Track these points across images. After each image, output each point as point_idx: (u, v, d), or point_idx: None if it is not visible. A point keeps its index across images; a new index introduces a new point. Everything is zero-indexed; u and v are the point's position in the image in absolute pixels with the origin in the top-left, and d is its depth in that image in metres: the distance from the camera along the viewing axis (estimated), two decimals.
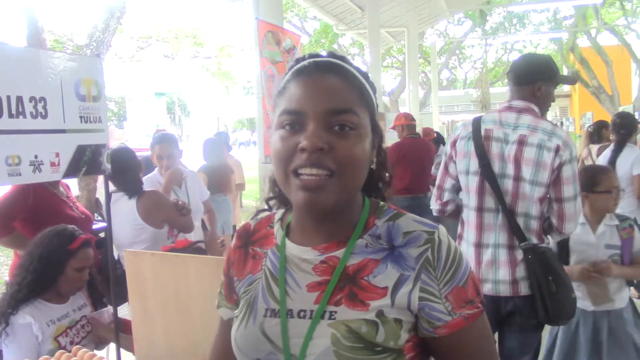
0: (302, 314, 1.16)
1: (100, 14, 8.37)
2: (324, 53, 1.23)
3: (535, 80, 2.97)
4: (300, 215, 1.23)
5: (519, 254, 2.86)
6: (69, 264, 2.89)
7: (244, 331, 1.21)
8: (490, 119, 2.99)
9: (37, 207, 3.53)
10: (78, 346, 2.02)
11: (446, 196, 3.13)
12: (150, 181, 4.58)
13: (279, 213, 1.33)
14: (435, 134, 8.99)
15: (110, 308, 3.19)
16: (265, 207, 1.38)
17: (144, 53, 35.03)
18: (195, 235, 4.46)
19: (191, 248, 3.07)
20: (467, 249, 2.97)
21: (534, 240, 2.88)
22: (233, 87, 44.32)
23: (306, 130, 1.10)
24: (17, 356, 2.70)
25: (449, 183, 3.11)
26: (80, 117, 2.78)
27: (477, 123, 2.99)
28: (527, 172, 2.83)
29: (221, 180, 6.87)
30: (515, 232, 2.86)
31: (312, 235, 1.21)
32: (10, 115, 2.39)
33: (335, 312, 1.13)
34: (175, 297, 2.53)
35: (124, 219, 3.84)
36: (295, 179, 1.11)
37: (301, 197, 1.11)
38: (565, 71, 23.81)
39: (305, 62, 1.19)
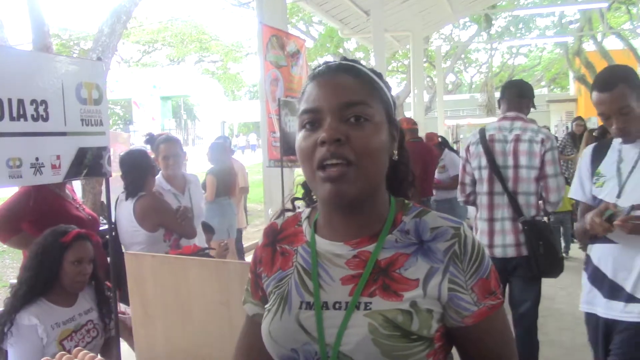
0: (337, 305, 1.21)
1: (106, 18, 8.39)
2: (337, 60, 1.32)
3: (530, 96, 4.06)
4: (328, 210, 1.29)
5: (520, 225, 3.78)
6: (65, 258, 2.89)
7: (279, 323, 1.26)
8: (492, 127, 4.03)
9: (44, 208, 3.58)
10: (79, 348, 2.02)
11: (468, 189, 4.09)
12: (155, 187, 4.50)
13: (306, 212, 1.39)
14: (439, 139, 8.97)
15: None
16: (290, 207, 1.46)
17: (150, 57, 35.14)
18: (198, 239, 4.45)
19: (199, 255, 3.08)
20: (481, 225, 3.92)
21: (533, 213, 3.83)
22: (239, 91, 44.44)
23: (324, 126, 1.18)
24: (21, 357, 2.70)
25: (467, 179, 4.08)
26: (82, 120, 2.79)
27: (482, 131, 4.02)
28: (523, 160, 3.81)
29: (227, 184, 6.88)
30: (515, 208, 3.80)
31: (341, 231, 1.27)
32: (12, 118, 2.41)
33: (370, 302, 1.18)
34: (175, 299, 2.54)
35: (123, 219, 3.93)
36: (320, 172, 1.18)
37: (326, 189, 1.18)
38: (570, 75, 23.77)
39: (320, 67, 1.29)
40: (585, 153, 2.93)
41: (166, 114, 38.36)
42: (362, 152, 1.17)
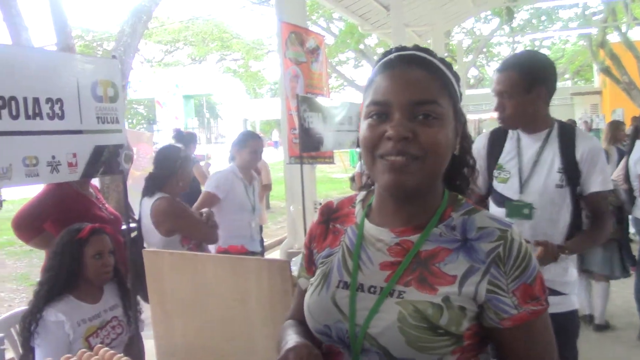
0: (372, 289, 1.23)
1: (127, 18, 8.43)
2: (409, 46, 1.30)
3: None
4: (383, 197, 1.30)
5: None
6: (84, 253, 2.91)
7: (317, 298, 1.30)
8: None
9: (66, 208, 3.59)
10: (99, 345, 2.03)
11: None
12: (227, 174, 4.74)
13: (361, 194, 1.42)
14: None
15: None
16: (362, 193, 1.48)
17: (172, 57, 35.38)
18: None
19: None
20: None
21: None
22: (260, 89, 44.52)
23: (392, 120, 1.19)
24: (48, 353, 2.72)
25: None
26: (97, 117, 2.80)
27: None
28: None
29: None
30: None
31: (391, 217, 1.29)
32: (27, 117, 2.41)
33: (404, 292, 1.20)
34: (193, 296, 2.55)
35: (144, 217, 3.91)
36: (382, 161, 1.20)
37: (387, 178, 1.19)
38: (595, 67, 23.46)
39: (391, 56, 1.27)
40: (480, 144, 2.81)
41: (189, 113, 38.64)
42: (428, 149, 1.18)
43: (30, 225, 3.64)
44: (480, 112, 26.53)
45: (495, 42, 31.77)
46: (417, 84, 1.20)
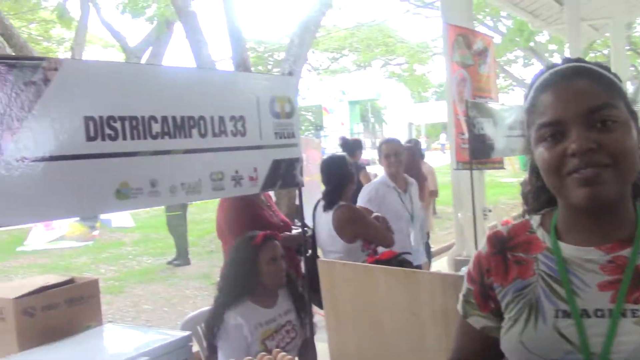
0: (599, 313, 1.16)
1: (295, 30, 8.75)
2: (558, 62, 1.26)
3: None
4: (575, 215, 1.23)
5: None
6: (260, 259, 3.06)
7: (534, 334, 1.22)
8: None
9: (248, 215, 3.84)
10: (277, 349, 2.13)
11: None
12: (377, 185, 4.79)
13: (535, 219, 1.34)
14: None
15: None
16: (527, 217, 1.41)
17: (338, 64, 36.16)
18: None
19: (396, 260, 3.10)
20: None
21: None
22: (425, 92, 44.17)
23: (570, 136, 1.13)
24: (230, 355, 2.89)
25: None
26: (275, 133, 2.94)
27: None
28: None
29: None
30: None
31: (589, 235, 1.22)
32: (214, 135, 2.60)
33: (638, 310, 1.13)
34: (365, 306, 2.57)
35: (322, 226, 4.01)
36: (571, 178, 1.13)
37: (581, 193, 1.12)
38: None
39: (546, 75, 1.23)
40: None
41: (355, 118, 39.38)
42: (619, 155, 1.11)
43: (228, 234, 3.91)
44: None
45: None
46: (585, 92, 1.15)
